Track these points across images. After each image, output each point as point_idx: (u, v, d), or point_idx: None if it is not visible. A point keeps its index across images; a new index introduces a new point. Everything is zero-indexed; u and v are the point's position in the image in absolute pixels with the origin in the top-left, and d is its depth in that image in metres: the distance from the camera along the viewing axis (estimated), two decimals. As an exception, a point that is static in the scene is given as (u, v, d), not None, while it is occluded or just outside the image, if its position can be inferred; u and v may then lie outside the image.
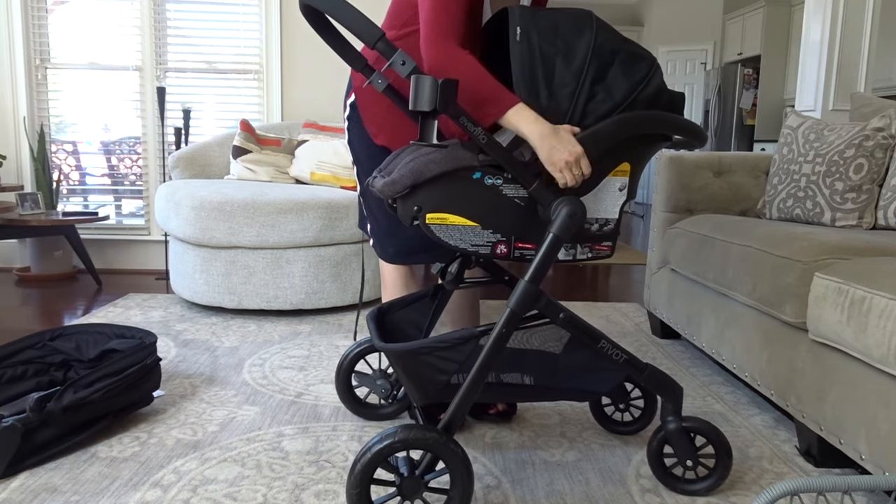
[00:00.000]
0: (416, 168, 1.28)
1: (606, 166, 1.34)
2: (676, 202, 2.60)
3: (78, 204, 4.07)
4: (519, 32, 1.29)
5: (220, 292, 2.83)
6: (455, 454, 1.25)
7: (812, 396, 1.61)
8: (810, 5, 3.17)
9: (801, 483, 0.87)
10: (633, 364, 1.42)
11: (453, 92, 1.21)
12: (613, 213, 1.38)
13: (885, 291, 1.35)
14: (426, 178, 1.28)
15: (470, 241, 1.32)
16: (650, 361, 2.39)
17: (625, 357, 1.41)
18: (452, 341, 1.32)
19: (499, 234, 1.32)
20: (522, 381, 1.39)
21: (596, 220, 1.38)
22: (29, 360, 1.86)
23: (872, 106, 2.34)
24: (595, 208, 1.37)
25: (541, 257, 1.28)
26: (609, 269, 4.38)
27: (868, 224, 2.11)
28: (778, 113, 6.92)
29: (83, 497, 1.41)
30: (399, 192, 1.30)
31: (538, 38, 1.29)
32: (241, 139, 3.38)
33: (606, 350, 1.39)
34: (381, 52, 1.22)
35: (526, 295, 1.28)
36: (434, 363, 1.33)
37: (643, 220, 7.55)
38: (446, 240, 1.31)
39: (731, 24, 7.83)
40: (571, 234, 1.28)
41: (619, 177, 1.36)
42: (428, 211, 1.30)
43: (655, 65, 1.33)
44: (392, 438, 1.22)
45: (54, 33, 3.85)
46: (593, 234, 1.38)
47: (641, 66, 1.32)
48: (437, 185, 1.29)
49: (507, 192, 1.31)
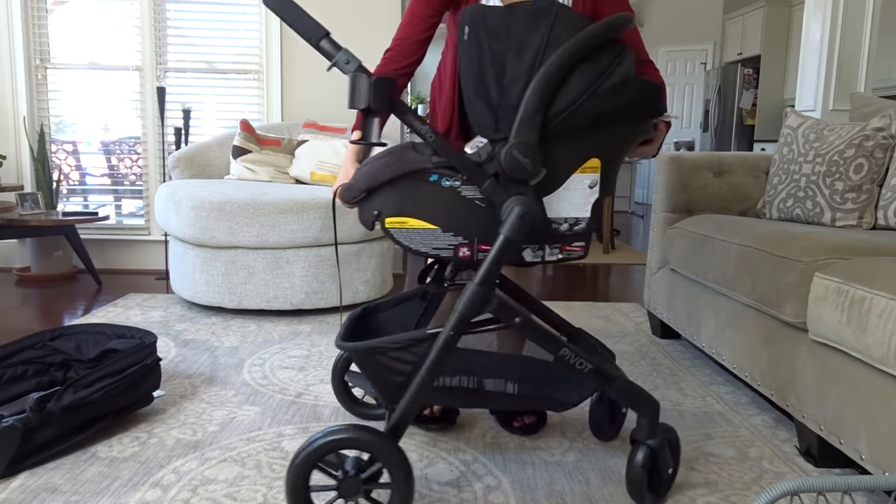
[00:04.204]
0: (369, 173, 1.29)
1: (569, 163, 1.28)
2: (676, 202, 2.60)
3: (78, 204, 4.07)
4: (467, 32, 1.27)
5: (220, 292, 2.83)
6: (396, 459, 1.22)
7: (812, 396, 1.61)
8: (810, 5, 3.17)
9: (801, 483, 0.87)
10: (602, 374, 1.35)
11: (386, 89, 1.18)
12: (584, 211, 1.31)
13: (885, 291, 1.35)
14: (380, 182, 1.27)
15: (430, 244, 1.29)
16: (650, 361, 2.40)
17: (590, 366, 1.33)
18: (405, 342, 1.29)
19: (460, 236, 1.28)
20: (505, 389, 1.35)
21: (565, 220, 1.31)
22: (29, 360, 1.86)
23: (872, 106, 2.34)
24: (563, 207, 1.30)
25: (490, 259, 1.24)
26: (609, 269, 4.38)
27: (868, 224, 2.11)
28: (778, 113, 6.92)
29: (83, 497, 1.41)
30: (355, 197, 1.31)
31: (488, 37, 1.26)
32: (241, 139, 3.38)
33: (568, 358, 1.32)
34: (326, 51, 1.21)
35: (474, 297, 1.24)
36: (388, 363, 1.31)
37: (643, 220, 7.55)
38: (407, 244, 1.29)
39: (731, 24, 7.82)
40: (523, 235, 1.23)
41: (588, 174, 1.29)
42: (387, 215, 1.29)
43: (622, 54, 1.26)
44: (335, 436, 1.21)
45: (54, 33, 3.85)
46: (563, 234, 1.32)
47: (603, 55, 1.24)
48: (394, 188, 1.28)
49: (466, 193, 1.27)
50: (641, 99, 1.28)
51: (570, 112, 1.23)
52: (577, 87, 1.23)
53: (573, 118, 1.24)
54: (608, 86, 1.24)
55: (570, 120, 1.24)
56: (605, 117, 1.26)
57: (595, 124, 1.26)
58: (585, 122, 1.25)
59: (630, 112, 1.28)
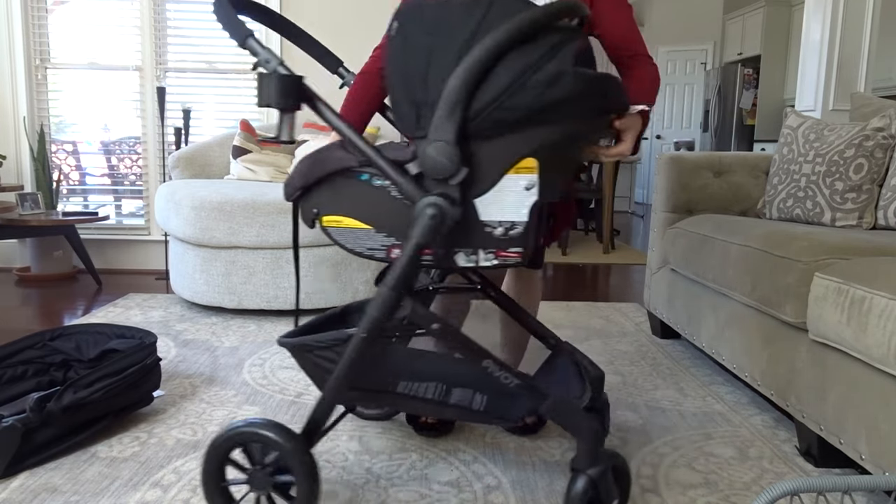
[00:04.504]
0: (301, 171, 1.28)
1: (498, 162, 1.18)
2: (676, 202, 2.60)
3: (78, 204, 4.07)
4: (395, 27, 1.23)
5: (220, 292, 2.83)
6: (301, 461, 1.20)
7: (812, 396, 1.61)
8: (810, 5, 3.17)
9: (801, 483, 0.87)
10: (530, 391, 1.25)
11: (293, 88, 1.18)
12: (520, 215, 1.19)
13: (885, 291, 1.35)
14: (313, 180, 1.27)
15: (364, 244, 1.27)
16: (650, 361, 2.40)
17: (518, 382, 1.24)
18: (328, 341, 1.28)
19: (393, 237, 1.25)
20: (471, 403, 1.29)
21: (499, 223, 1.20)
22: (29, 360, 1.86)
23: (872, 106, 2.34)
24: (496, 210, 1.20)
25: (400, 263, 1.20)
26: (609, 269, 4.38)
27: (868, 224, 2.11)
28: (778, 113, 6.92)
29: (83, 497, 1.41)
30: (291, 194, 1.30)
31: (417, 31, 1.20)
32: (241, 139, 3.38)
33: (491, 371, 1.24)
34: (250, 51, 1.22)
35: (384, 301, 1.21)
36: (319, 361, 1.30)
37: (643, 220, 7.55)
38: (343, 243, 1.28)
39: (731, 24, 7.82)
40: (434, 238, 1.18)
41: (523, 174, 1.18)
42: (324, 214, 1.29)
43: (562, 46, 1.14)
44: (246, 429, 1.22)
45: (54, 33, 3.85)
46: (497, 238, 1.21)
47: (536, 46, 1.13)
48: (328, 187, 1.27)
49: (396, 193, 1.23)
50: (582, 94, 1.16)
51: (495, 107, 1.14)
52: (502, 81, 1.13)
53: (500, 114, 1.14)
54: (538, 80, 1.13)
55: (496, 116, 1.14)
56: (536, 114, 1.15)
57: (524, 121, 1.15)
58: (514, 119, 1.15)
59: (569, 108, 1.16)
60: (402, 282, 1.21)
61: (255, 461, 1.24)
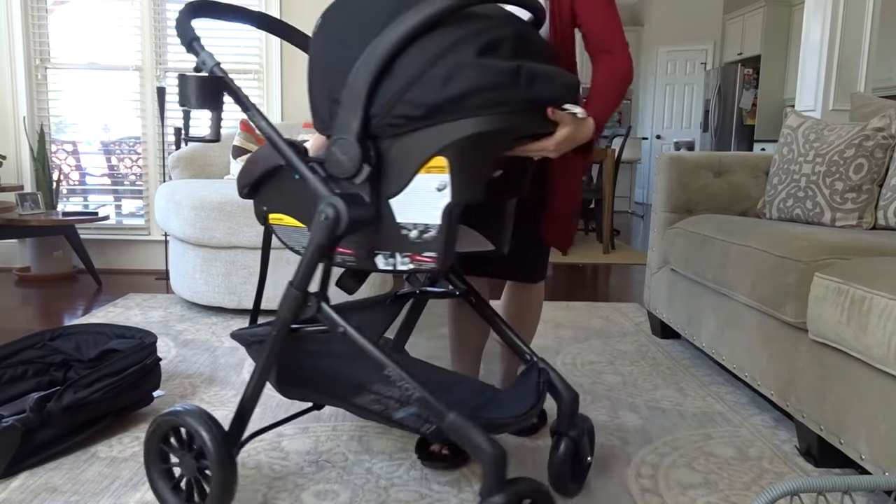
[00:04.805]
0: (245, 169, 1.30)
1: (407, 161, 1.12)
2: (676, 202, 2.60)
3: (78, 204, 4.07)
4: (319, 24, 1.20)
5: (220, 292, 2.83)
6: (215, 450, 1.22)
7: (812, 396, 1.61)
8: (810, 5, 3.17)
9: (801, 483, 0.87)
10: (429, 406, 1.16)
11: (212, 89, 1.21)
12: (433, 217, 1.12)
13: (885, 291, 1.35)
14: (253, 178, 1.28)
15: (299, 242, 1.26)
16: (650, 361, 2.40)
17: (418, 395, 1.16)
18: (259, 337, 1.30)
19: None
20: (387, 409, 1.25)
21: (414, 226, 1.14)
22: (29, 360, 1.86)
23: (872, 106, 2.34)
24: (410, 211, 1.14)
25: (301, 262, 1.20)
26: (609, 269, 4.38)
27: (868, 224, 2.11)
28: (778, 113, 6.92)
29: (83, 497, 1.41)
30: (240, 192, 1.33)
31: (337, 25, 1.17)
32: (241, 139, 3.38)
33: (393, 380, 1.19)
34: (193, 53, 1.26)
35: (289, 300, 1.22)
36: (255, 357, 1.32)
37: (643, 220, 7.55)
38: (285, 240, 1.28)
39: (731, 24, 7.83)
40: (332, 239, 1.15)
41: (434, 174, 1.11)
42: (270, 211, 1.30)
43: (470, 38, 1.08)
44: (169, 417, 1.28)
45: (54, 33, 3.85)
46: (412, 241, 1.15)
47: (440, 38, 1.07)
48: (270, 185, 1.28)
49: None
50: (490, 87, 1.08)
51: (398, 102, 1.08)
52: (405, 75, 1.07)
53: (403, 109, 1.08)
54: (435, 74, 1.06)
55: (400, 111, 1.09)
56: (439, 109, 1.08)
57: (429, 117, 1.08)
58: (419, 115, 1.08)
59: (476, 102, 1.07)
60: (304, 281, 1.21)
61: (185, 446, 1.29)
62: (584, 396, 2.05)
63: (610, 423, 1.86)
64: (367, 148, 1.11)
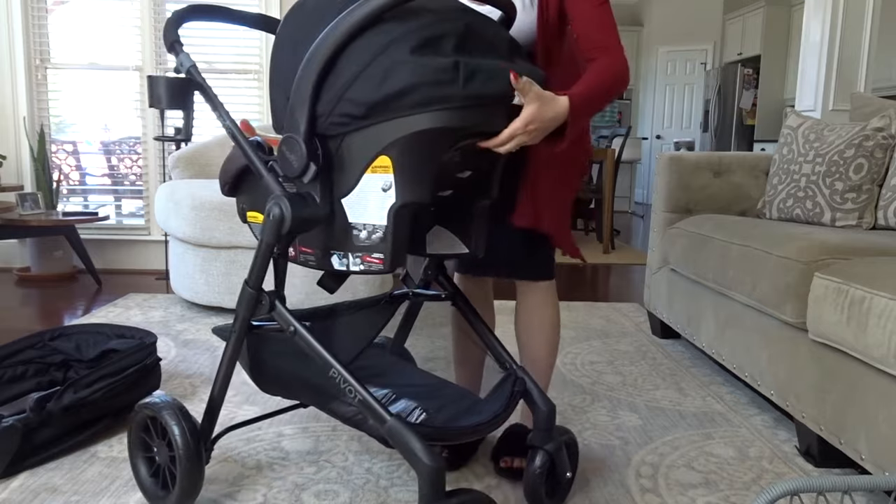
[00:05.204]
0: (223, 167, 1.32)
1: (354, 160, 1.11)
2: (676, 202, 2.60)
3: (78, 204, 4.07)
4: (280, 24, 1.23)
5: (220, 292, 2.83)
6: (185, 452, 1.25)
7: (812, 396, 1.61)
8: (810, 5, 3.17)
9: (801, 483, 0.87)
10: (370, 410, 1.15)
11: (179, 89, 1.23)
12: (379, 218, 1.10)
13: (885, 291, 1.35)
14: (230, 176, 1.30)
15: None
16: (650, 361, 2.40)
17: (360, 398, 1.15)
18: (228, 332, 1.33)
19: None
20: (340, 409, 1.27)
21: (363, 226, 1.12)
22: (29, 360, 1.86)
23: (872, 106, 2.34)
24: (359, 211, 1.13)
25: (253, 262, 1.22)
26: (609, 269, 4.38)
27: (868, 224, 2.11)
28: (778, 113, 6.92)
29: (83, 497, 1.41)
30: (221, 190, 1.35)
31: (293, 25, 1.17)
32: (241, 139, 3.38)
33: (338, 381, 1.17)
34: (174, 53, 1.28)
35: (245, 298, 1.25)
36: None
37: (643, 220, 7.55)
38: (259, 238, 1.28)
39: (731, 24, 7.82)
40: (277, 238, 1.15)
41: (379, 174, 1.09)
42: (248, 209, 1.31)
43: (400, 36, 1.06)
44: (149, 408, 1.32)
45: (54, 33, 3.85)
46: (363, 242, 1.13)
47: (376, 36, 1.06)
48: (246, 183, 1.31)
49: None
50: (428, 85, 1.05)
51: (340, 100, 1.08)
52: (347, 73, 1.06)
53: (345, 107, 1.08)
54: (371, 72, 1.05)
55: (343, 109, 1.08)
56: (378, 108, 1.06)
57: (370, 116, 1.07)
58: (360, 114, 1.07)
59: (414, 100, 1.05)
60: (257, 280, 1.23)
61: (160, 435, 1.32)
62: (584, 396, 2.05)
63: (610, 423, 1.86)
64: (315, 147, 1.10)
